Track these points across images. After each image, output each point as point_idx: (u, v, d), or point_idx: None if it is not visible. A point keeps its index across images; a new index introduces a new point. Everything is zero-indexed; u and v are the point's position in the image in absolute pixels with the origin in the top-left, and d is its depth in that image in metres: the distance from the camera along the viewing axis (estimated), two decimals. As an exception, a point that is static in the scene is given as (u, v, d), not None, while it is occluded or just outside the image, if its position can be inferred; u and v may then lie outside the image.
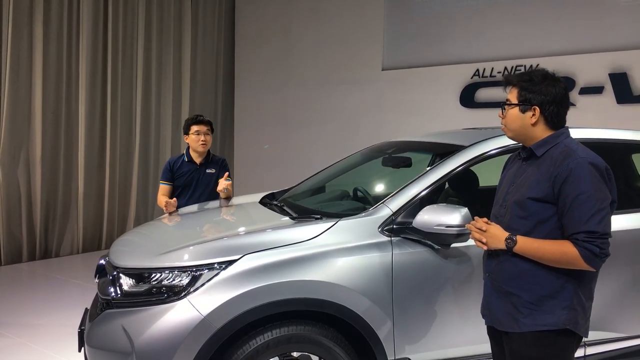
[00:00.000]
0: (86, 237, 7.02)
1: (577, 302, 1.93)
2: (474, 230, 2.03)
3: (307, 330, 2.37)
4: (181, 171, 3.92)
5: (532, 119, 1.98)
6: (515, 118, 2.02)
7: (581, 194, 1.84)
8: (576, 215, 1.84)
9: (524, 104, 1.99)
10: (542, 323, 1.92)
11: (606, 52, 5.99)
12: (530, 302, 1.94)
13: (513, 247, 1.93)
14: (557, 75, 2.02)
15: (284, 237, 2.47)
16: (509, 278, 1.98)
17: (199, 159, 3.96)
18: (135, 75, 7.50)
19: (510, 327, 1.99)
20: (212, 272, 2.32)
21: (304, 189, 3.77)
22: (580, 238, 1.83)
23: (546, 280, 1.92)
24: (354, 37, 7.74)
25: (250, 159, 8.80)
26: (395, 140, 3.78)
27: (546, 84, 1.97)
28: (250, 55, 8.74)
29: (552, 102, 1.97)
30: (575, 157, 1.89)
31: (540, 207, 1.92)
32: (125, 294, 2.42)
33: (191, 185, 3.91)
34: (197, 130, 3.90)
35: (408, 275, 2.50)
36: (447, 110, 7.01)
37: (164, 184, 3.92)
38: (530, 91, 1.98)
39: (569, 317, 1.91)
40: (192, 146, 3.94)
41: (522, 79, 2.01)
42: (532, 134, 2.01)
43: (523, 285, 1.95)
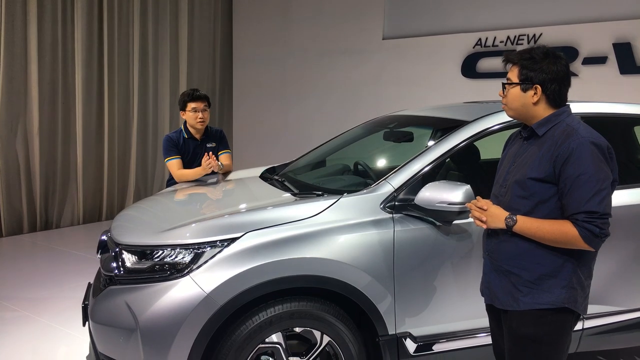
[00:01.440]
0: (86, 208, 7.04)
1: (576, 281, 1.94)
2: (474, 209, 2.04)
3: (310, 306, 2.39)
4: (185, 149, 3.85)
5: (534, 97, 1.96)
6: (517, 97, 1.99)
7: (582, 174, 1.83)
8: (577, 195, 1.84)
9: (526, 83, 1.96)
10: (541, 302, 1.93)
11: (610, 22, 5.90)
12: (529, 281, 1.95)
13: (513, 227, 1.93)
14: (558, 52, 1.98)
15: (286, 215, 2.47)
16: (509, 257, 1.99)
17: (199, 134, 3.92)
18: (132, 46, 7.38)
19: (509, 306, 2.01)
20: (214, 249, 2.33)
21: (304, 163, 3.76)
22: (580, 218, 1.84)
23: (545, 259, 1.93)
24: (354, 6, 7.60)
25: (250, 132, 8.75)
26: (397, 114, 3.74)
27: (547, 62, 1.94)
28: (248, 26, 8.59)
29: (554, 81, 1.94)
30: (577, 136, 1.87)
31: (541, 187, 1.91)
32: (128, 270, 2.43)
33: (195, 161, 3.85)
34: (195, 107, 3.81)
35: (409, 252, 2.52)
36: (448, 80, 6.94)
37: (176, 159, 3.77)
38: (531, 69, 1.95)
39: (567, 296, 1.93)
40: (190, 123, 3.86)
41: (523, 57, 1.98)
42: (533, 112, 1.99)
43: (522, 264, 1.96)
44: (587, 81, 6.02)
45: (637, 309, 2.94)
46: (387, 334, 2.51)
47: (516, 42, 6.48)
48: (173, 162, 3.79)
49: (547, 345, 1.96)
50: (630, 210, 2.94)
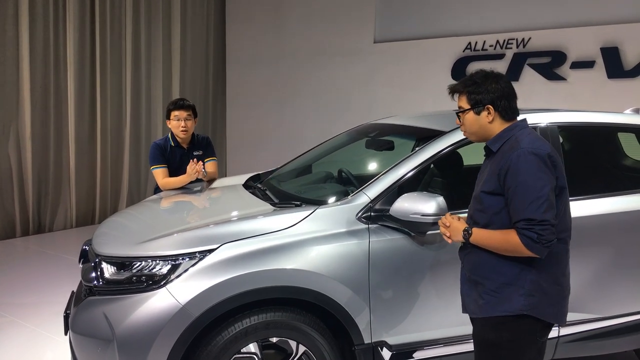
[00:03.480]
0: (79, 211, 7.07)
1: (535, 288, 2.01)
2: (440, 225, 2.19)
3: (285, 316, 2.43)
4: (172, 157, 3.89)
5: (489, 117, 2.08)
6: (473, 121, 2.12)
7: (520, 183, 1.93)
8: (516, 204, 1.93)
9: (477, 107, 2.08)
10: (500, 309, 2.02)
11: (598, 26, 5.94)
12: (491, 289, 2.04)
13: (469, 239, 2.06)
14: (496, 72, 2.13)
15: (262, 226, 2.50)
16: (474, 267, 2.11)
17: (185, 143, 3.95)
18: (124, 49, 7.41)
19: (473, 313, 2.13)
20: (191, 261, 2.36)
21: (289, 169, 3.79)
22: (520, 226, 1.92)
23: (504, 268, 2.02)
24: (346, 10, 7.63)
25: (243, 135, 8.79)
26: (378, 122, 3.78)
27: (490, 82, 2.07)
28: (241, 29, 8.62)
29: (501, 97, 2.06)
30: (517, 148, 1.97)
31: (493, 200, 2.02)
32: (107, 281, 2.46)
33: (181, 169, 3.86)
34: (177, 115, 3.84)
35: (385, 262, 2.55)
36: (438, 84, 6.88)
37: (161, 168, 3.81)
38: (478, 93, 2.07)
39: (526, 304, 2.00)
40: (174, 131, 3.91)
41: (467, 85, 2.11)
42: (491, 131, 2.10)
43: (485, 273, 2.07)
44: (575, 85, 6.06)
45: (612, 317, 2.98)
46: (363, 343, 2.54)
47: (505, 46, 6.52)
48: (158, 171, 3.83)
49: (508, 350, 2.03)
50: (610, 218, 2.97)
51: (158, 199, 3.59)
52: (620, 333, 3.00)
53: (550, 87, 6.29)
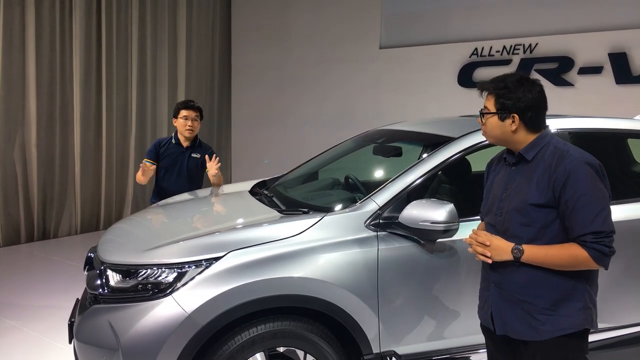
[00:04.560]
0: (84, 217, 7.06)
1: (589, 300, 1.93)
2: (475, 245, 2.00)
3: (293, 325, 2.39)
4: (167, 152, 3.98)
5: (512, 126, 1.98)
6: (495, 126, 2.01)
7: (582, 195, 1.83)
8: (580, 217, 1.83)
9: (502, 112, 1.97)
10: (562, 327, 1.90)
11: (606, 32, 5.90)
12: (545, 307, 1.91)
13: (520, 257, 1.90)
14: (532, 78, 2.00)
15: (270, 234, 2.47)
16: (521, 286, 1.95)
17: (186, 142, 4.02)
18: (130, 58, 7.42)
19: (529, 336, 1.94)
20: (197, 269, 2.33)
21: (295, 176, 3.76)
22: (588, 239, 1.82)
23: (557, 283, 1.90)
24: (351, 16, 7.62)
25: (248, 144, 8.78)
26: (386, 128, 3.75)
27: (523, 90, 1.95)
28: (246, 35, 8.63)
29: (530, 108, 1.95)
30: (570, 158, 1.88)
31: (542, 213, 1.90)
32: (112, 289, 2.43)
33: (175, 167, 3.97)
34: (186, 115, 3.97)
35: (394, 270, 2.51)
36: (444, 89, 6.94)
37: (147, 162, 3.94)
38: (507, 98, 1.96)
39: (585, 317, 1.91)
40: (179, 130, 4.01)
41: (497, 87, 1.99)
42: (514, 139, 2.00)
43: (535, 292, 1.93)
44: (582, 91, 6.02)
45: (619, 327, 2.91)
46: (372, 352, 2.50)
47: (512, 52, 6.48)
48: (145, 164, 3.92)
49: None
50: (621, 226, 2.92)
51: (164, 205, 3.56)
52: (628, 344, 2.94)
53: (557, 93, 6.23)
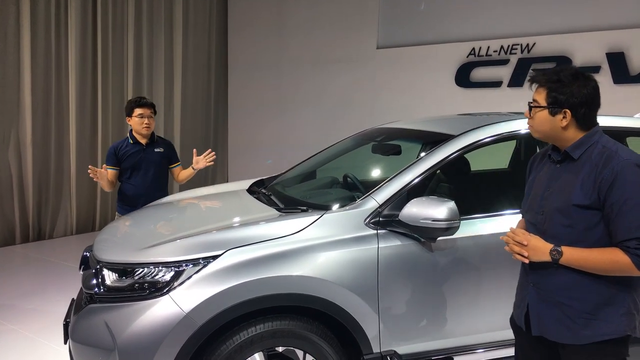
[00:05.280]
0: (80, 218, 7.01)
1: (633, 305, 1.86)
2: (512, 244, 1.92)
3: (292, 324, 2.35)
4: (127, 153, 3.95)
5: (563, 121, 1.87)
6: (544, 121, 1.91)
7: (629, 199, 1.75)
8: (625, 221, 1.75)
9: (554, 107, 1.87)
10: (602, 332, 1.83)
11: (603, 31, 5.89)
12: (585, 311, 1.84)
13: (559, 259, 1.84)
14: (587, 73, 1.90)
15: (268, 232, 2.44)
16: (560, 288, 1.88)
17: (144, 140, 4.00)
18: (126, 55, 7.38)
19: (567, 339, 1.88)
20: (195, 267, 2.30)
21: (293, 175, 3.73)
22: (632, 245, 1.75)
23: (599, 287, 1.83)
24: (349, 15, 7.60)
25: (245, 141, 8.74)
26: (385, 126, 3.72)
27: (577, 85, 1.85)
28: (243, 36, 8.59)
29: (583, 104, 1.85)
30: (619, 159, 1.79)
31: (586, 215, 1.82)
32: (108, 288, 2.39)
33: (141, 165, 3.95)
34: (141, 113, 3.94)
35: (394, 269, 2.48)
36: (442, 89, 6.92)
37: (109, 169, 3.92)
38: (560, 93, 1.86)
39: (627, 323, 1.84)
40: (135, 129, 3.98)
41: (550, 80, 1.88)
42: (562, 136, 1.90)
43: (575, 294, 1.86)
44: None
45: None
46: (372, 352, 2.47)
47: (510, 52, 6.47)
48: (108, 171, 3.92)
49: None
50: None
51: (160, 204, 3.53)
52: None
53: (555, 93, 6.23)
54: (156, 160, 4.01)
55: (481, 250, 2.62)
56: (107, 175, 3.88)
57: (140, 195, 3.92)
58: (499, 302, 2.66)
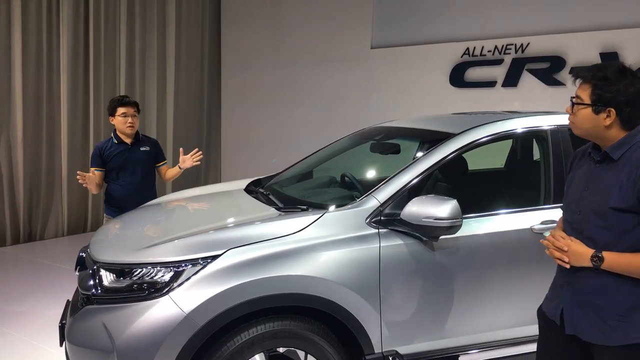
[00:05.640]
0: (71, 219, 6.93)
1: None
2: (552, 249, 1.91)
3: (293, 325, 2.33)
4: (113, 154, 3.89)
5: (607, 120, 1.82)
6: (587, 119, 1.85)
7: None
8: None
9: (598, 105, 1.82)
10: (633, 336, 1.81)
11: (597, 31, 5.91)
12: (618, 314, 1.83)
13: (600, 265, 1.81)
14: (634, 71, 1.85)
15: (269, 231, 2.41)
16: (595, 290, 1.86)
17: (129, 139, 3.95)
18: (119, 53, 7.30)
19: (599, 340, 1.87)
20: (195, 267, 2.26)
21: (291, 174, 3.70)
22: None
23: (632, 290, 1.81)
24: (343, 15, 7.58)
25: (239, 140, 8.69)
26: (383, 125, 3.70)
27: (624, 84, 1.80)
28: (237, 33, 8.54)
29: (629, 103, 1.80)
30: None
31: (623, 218, 1.79)
32: (106, 289, 2.35)
33: (127, 165, 3.90)
34: (124, 112, 3.88)
35: (396, 268, 2.46)
36: (436, 89, 6.92)
37: (95, 171, 3.86)
38: (606, 91, 1.80)
39: None
40: (119, 128, 3.92)
41: (596, 76, 1.83)
42: (605, 135, 1.86)
43: (610, 296, 1.84)
44: (574, 91, 6.01)
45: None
46: (373, 352, 2.45)
47: (504, 52, 6.48)
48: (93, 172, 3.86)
49: None
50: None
51: (155, 205, 3.48)
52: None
53: (549, 93, 6.24)
54: (142, 159, 3.97)
55: (483, 249, 2.61)
56: (96, 177, 3.82)
57: (128, 195, 3.88)
58: (502, 301, 2.66)
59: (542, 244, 1.98)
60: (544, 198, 2.89)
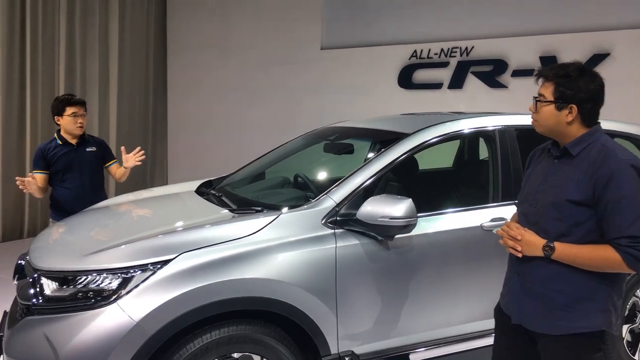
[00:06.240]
0: (6, 224, 6.54)
1: (611, 303, 1.90)
2: (506, 238, 1.96)
3: (249, 329, 2.27)
4: (57, 155, 3.70)
5: (569, 117, 1.89)
6: (550, 115, 1.92)
7: (623, 198, 1.79)
8: (618, 220, 1.80)
9: (560, 102, 1.89)
10: (578, 325, 1.87)
11: (537, 36, 6.16)
12: (564, 304, 1.89)
13: (551, 255, 1.87)
14: (593, 70, 1.93)
15: (223, 233, 2.34)
16: (543, 280, 1.92)
17: (74, 140, 3.77)
18: (57, 45, 6.93)
19: (544, 329, 1.93)
20: (145, 273, 2.16)
21: (243, 175, 3.63)
22: (623, 243, 1.79)
23: (580, 282, 1.87)
24: (293, 16, 7.56)
25: (186, 140, 8.48)
26: (337, 125, 3.70)
27: (585, 81, 1.88)
28: (183, 24, 8.31)
29: (589, 100, 1.88)
30: (615, 158, 1.83)
31: (577, 210, 1.85)
32: (48, 298, 2.22)
33: (73, 167, 3.72)
34: (74, 112, 3.70)
35: (352, 268, 2.45)
36: (385, 91, 7.01)
37: (38, 174, 3.65)
38: (567, 88, 1.88)
39: (603, 319, 1.88)
40: (67, 128, 3.72)
41: (558, 74, 1.90)
42: (566, 131, 1.92)
43: (556, 287, 1.90)
44: (516, 92, 6.26)
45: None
46: (330, 354, 2.43)
47: (450, 54, 6.65)
48: (35, 176, 3.63)
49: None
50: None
51: (101, 208, 3.32)
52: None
53: (492, 95, 6.46)
54: (89, 160, 3.79)
55: (437, 248, 2.65)
56: (36, 181, 3.60)
57: (76, 199, 3.68)
58: (456, 297, 2.71)
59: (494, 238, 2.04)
60: (492, 196, 2.96)
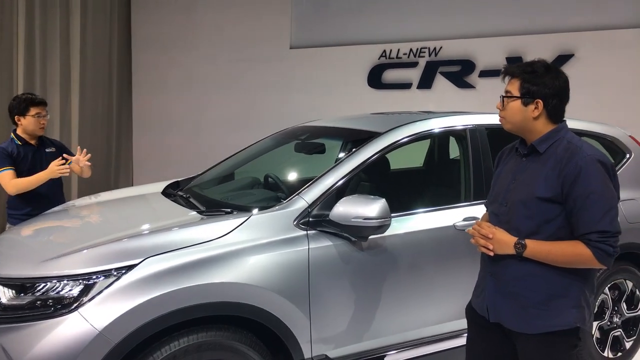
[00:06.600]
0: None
1: (583, 299, 1.91)
2: (478, 237, 1.96)
3: (219, 335, 2.19)
4: (21, 155, 3.56)
5: (535, 112, 1.91)
6: (517, 111, 1.94)
7: (592, 193, 1.80)
8: (587, 215, 1.81)
9: (527, 97, 1.91)
10: (552, 323, 1.89)
11: (503, 37, 6.25)
12: (538, 302, 1.90)
13: (523, 253, 1.88)
14: (558, 68, 1.97)
15: (191, 236, 2.25)
16: (515, 278, 1.93)
17: (33, 140, 3.65)
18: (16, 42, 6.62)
19: (520, 328, 1.94)
20: (108, 279, 2.06)
21: (211, 176, 3.54)
22: (593, 238, 1.80)
23: (553, 280, 1.88)
24: (261, 14, 7.45)
25: (151, 139, 8.27)
26: (308, 124, 3.64)
27: (550, 77, 1.90)
28: (148, 18, 8.04)
29: (555, 95, 1.91)
30: (583, 155, 1.84)
31: (547, 207, 1.87)
32: (4, 307, 2.09)
33: (36, 167, 3.58)
34: (38, 112, 3.59)
35: (325, 270, 2.40)
36: (355, 90, 6.99)
37: (9, 170, 3.49)
38: (533, 84, 1.90)
39: (577, 316, 1.89)
40: (29, 129, 3.59)
41: (524, 71, 1.93)
42: (532, 127, 1.94)
43: (529, 285, 1.91)
44: (483, 92, 6.33)
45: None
46: (303, 358, 2.37)
47: (418, 55, 6.68)
48: (7, 173, 3.48)
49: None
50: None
51: (60, 211, 3.18)
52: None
53: (460, 95, 6.51)
54: (49, 161, 3.61)
55: (410, 248, 2.62)
56: (10, 174, 3.46)
57: (38, 200, 3.52)
58: (430, 298, 2.69)
59: (467, 237, 2.03)
60: (464, 195, 2.96)
